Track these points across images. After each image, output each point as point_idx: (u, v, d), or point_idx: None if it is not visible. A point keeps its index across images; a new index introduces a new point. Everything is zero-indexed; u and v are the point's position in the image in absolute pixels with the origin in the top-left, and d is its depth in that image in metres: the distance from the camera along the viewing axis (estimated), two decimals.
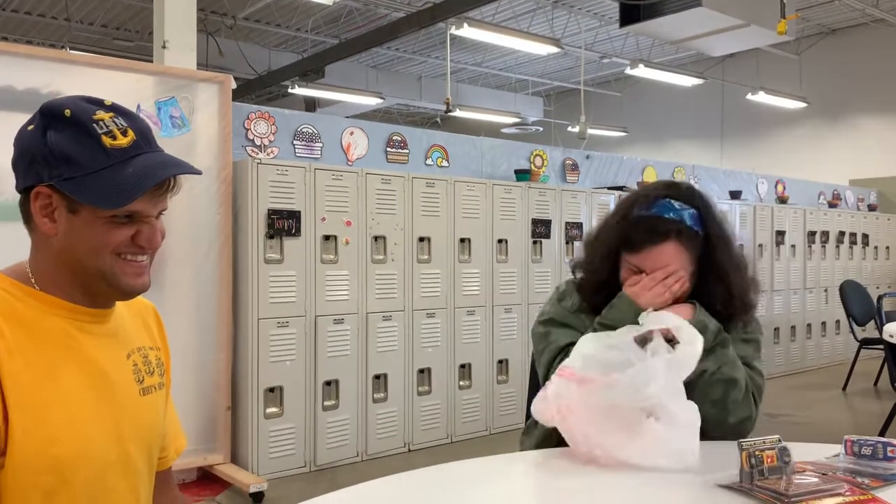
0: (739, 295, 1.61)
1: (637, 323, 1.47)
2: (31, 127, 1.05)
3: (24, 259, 1.09)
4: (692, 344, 1.37)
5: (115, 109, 1.07)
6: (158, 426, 1.22)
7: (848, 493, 1.14)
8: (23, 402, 0.98)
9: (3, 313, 1.02)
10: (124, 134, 1.05)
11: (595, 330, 1.58)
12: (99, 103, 1.07)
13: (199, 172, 1.10)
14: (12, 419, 0.97)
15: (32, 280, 1.07)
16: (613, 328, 1.50)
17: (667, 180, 1.71)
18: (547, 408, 1.37)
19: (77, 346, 1.07)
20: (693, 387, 1.47)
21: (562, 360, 1.60)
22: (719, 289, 1.60)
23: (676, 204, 1.59)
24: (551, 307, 1.73)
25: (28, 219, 1.06)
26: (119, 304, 1.17)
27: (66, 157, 1.02)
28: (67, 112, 1.03)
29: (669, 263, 1.55)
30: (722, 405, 1.54)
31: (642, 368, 1.32)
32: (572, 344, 1.60)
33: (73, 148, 1.02)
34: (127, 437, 1.12)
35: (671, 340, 1.40)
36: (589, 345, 1.44)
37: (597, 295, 1.64)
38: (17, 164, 1.06)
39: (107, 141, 1.03)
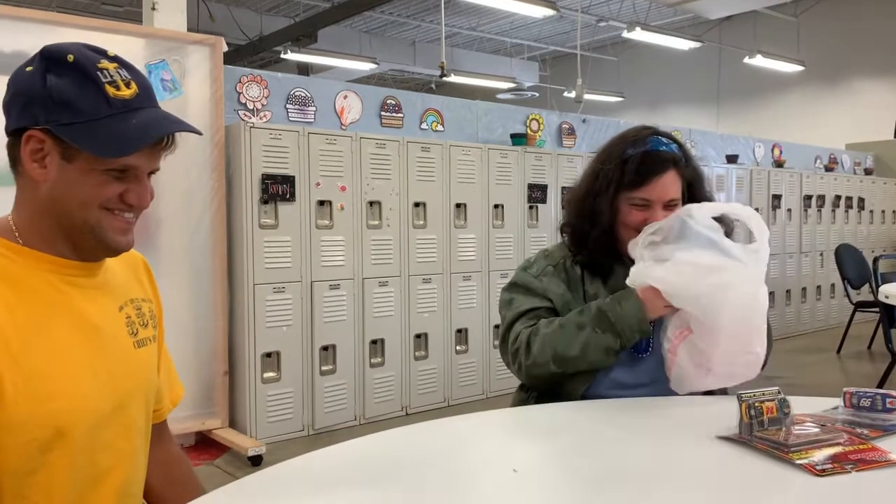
0: None
1: (645, 331, 1.55)
2: (29, 68, 1.02)
3: (6, 214, 1.07)
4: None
5: (119, 61, 1.05)
6: (154, 378, 1.22)
7: (847, 443, 1.14)
8: (13, 359, 0.96)
9: None
10: (128, 86, 1.03)
11: (591, 310, 1.58)
12: (103, 52, 1.05)
13: (199, 132, 1.10)
14: (4, 376, 0.95)
15: (16, 234, 1.04)
16: (613, 324, 1.52)
17: (638, 125, 1.78)
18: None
19: (66, 301, 1.05)
20: None
21: (524, 323, 1.64)
22: None
23: (664, 139, 1.67)
24: (516, 275, 1.76)
25: (15, 163, 1.03)
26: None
27: (65, 101, 0.99)
28: (70, 57, 1.01)
29: (673, 192, 1.62)
30: None
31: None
32: (533, 308, 1.66)
33: (75, 93, 0.99)
34: (122, 390, 1.10)
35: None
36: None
37: (595, 243, 1.66)
38: (10, 104, 1.02)
39: (110, 90, 1.01)
